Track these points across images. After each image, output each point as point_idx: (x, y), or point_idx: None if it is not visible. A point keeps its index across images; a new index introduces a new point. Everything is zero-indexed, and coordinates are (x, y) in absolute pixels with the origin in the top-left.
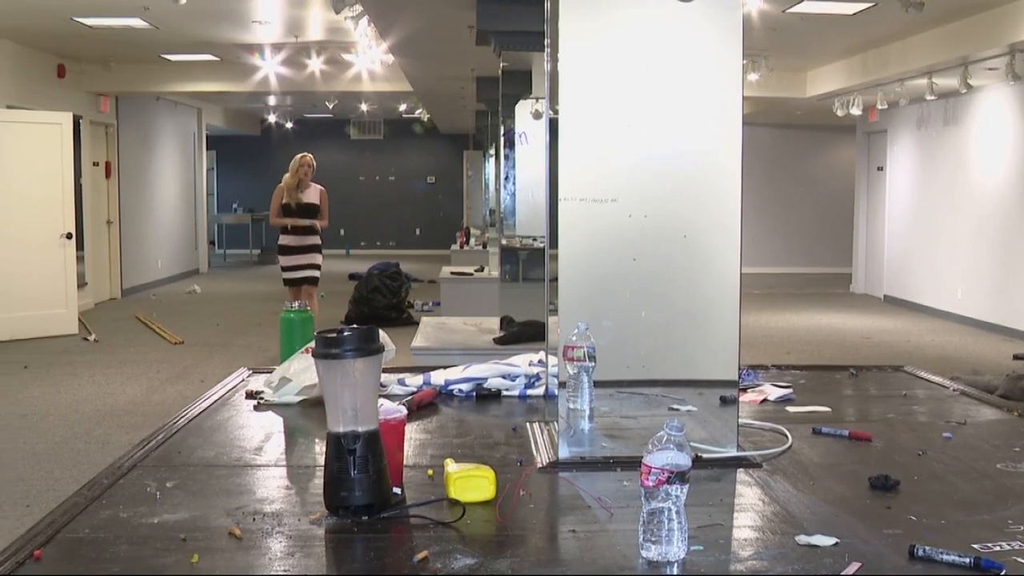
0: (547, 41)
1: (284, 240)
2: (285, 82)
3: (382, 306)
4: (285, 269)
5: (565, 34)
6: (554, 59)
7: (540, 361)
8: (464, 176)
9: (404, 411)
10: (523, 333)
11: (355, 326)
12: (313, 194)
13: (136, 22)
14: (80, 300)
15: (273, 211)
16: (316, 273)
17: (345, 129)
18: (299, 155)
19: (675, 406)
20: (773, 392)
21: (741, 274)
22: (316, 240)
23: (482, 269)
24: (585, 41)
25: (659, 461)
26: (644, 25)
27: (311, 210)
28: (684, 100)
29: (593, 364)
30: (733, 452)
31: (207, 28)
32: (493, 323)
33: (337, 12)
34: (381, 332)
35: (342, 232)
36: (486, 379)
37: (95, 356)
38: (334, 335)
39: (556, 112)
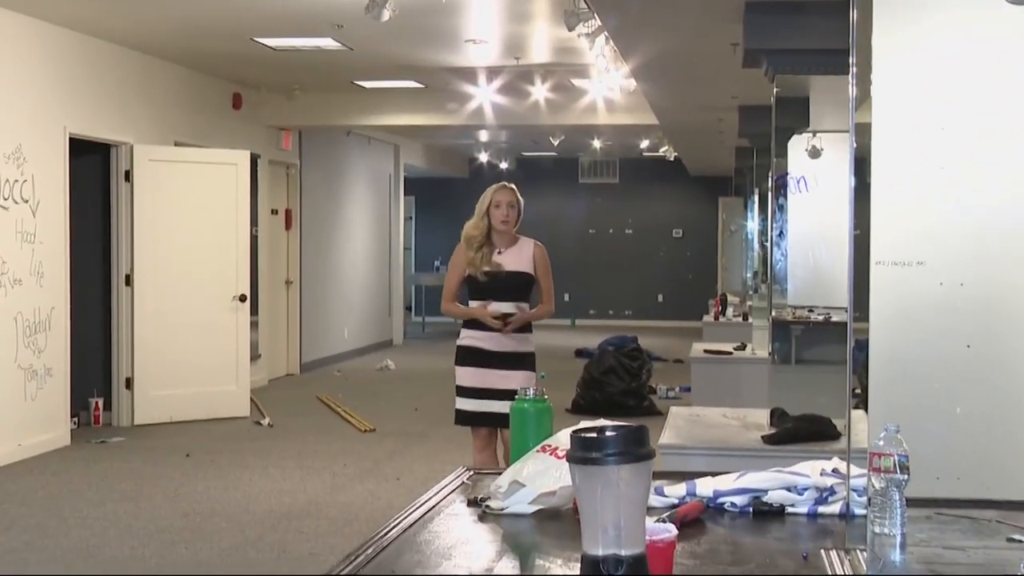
0: (852, 60)
1: (466, 338)
2: (502, 113)
3: (618, 391)
4: (462, 392)
5: (881, 49)
6: (864, 81)
7: (835, 470)
8: (720, 229)
9: (674, 530)
10: (799, 431)
11: (620, 424)
12: (520, 255)
13: (327, 42)
14: (253, 375)
15: (447, 288)
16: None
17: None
18: (492, 187)
19: (1017, 536)
20: None
21: None
22: (526, 344)
23: (744, 347)
24: (903, 58)
25: None
26: (973, 36)
27: (517, 284)
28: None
29: (906, 477)
30: None
31: (410, 49)
32: (761, 416)
33: (570, 29)
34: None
35: (567, 298)
36: (766, 491)
37: (269, 444)
38: (594, 435)
39: (858, 149)
